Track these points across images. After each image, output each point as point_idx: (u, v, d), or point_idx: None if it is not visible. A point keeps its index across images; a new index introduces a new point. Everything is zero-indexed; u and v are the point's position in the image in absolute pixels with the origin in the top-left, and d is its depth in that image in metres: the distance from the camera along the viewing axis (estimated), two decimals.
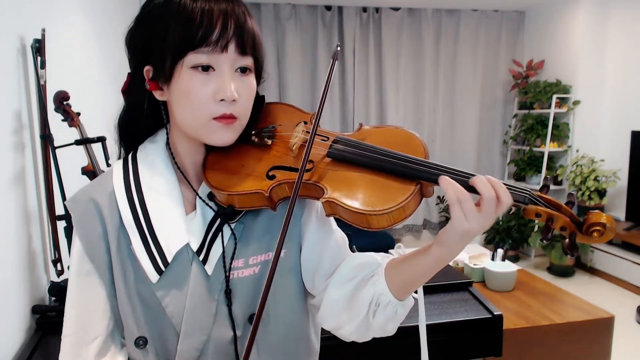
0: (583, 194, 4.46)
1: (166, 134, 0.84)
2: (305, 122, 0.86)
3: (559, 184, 4.94)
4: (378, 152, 0.78)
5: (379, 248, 1.09)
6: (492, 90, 5.52)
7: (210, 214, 0.81)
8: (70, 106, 1.63)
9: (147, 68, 0.78)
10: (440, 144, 5.44)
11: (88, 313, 0.80)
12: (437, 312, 1.72)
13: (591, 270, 4.54)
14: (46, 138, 1.55)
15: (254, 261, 0.82)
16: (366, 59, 5.19)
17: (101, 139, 1.62)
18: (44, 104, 1.54)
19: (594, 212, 0.73)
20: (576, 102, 4.77)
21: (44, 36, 1.55)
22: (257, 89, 0.84)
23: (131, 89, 0.83)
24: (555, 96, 4.74)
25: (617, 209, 4.55)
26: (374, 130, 0.85)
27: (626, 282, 4.19)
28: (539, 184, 4.91)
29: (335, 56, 0.79)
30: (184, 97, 0.75)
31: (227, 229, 0.81)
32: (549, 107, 4.79)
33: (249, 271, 0.81)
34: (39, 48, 1.54)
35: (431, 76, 5.35)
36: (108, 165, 1.67)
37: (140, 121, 0.84)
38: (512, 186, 0.73)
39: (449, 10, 5.28)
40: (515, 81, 5.24)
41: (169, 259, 0.78)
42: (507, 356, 1.80)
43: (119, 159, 0.87)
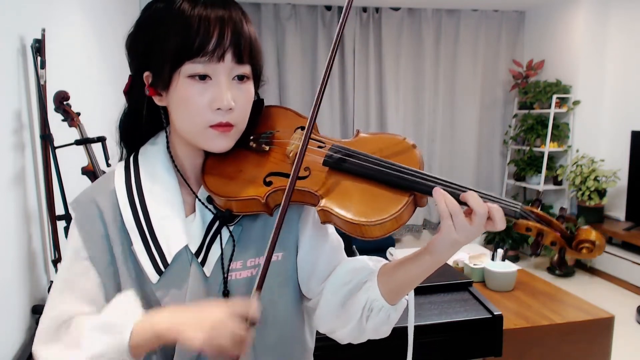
0: (583, 194, 4.46)
1: (166, 137, 0.85)
2: (302, 127, 0.86)
3: (559, 184, 4.94)
4: (373, 161, 0.79)
5: (379, 248, 1.10)
6: (492, 90, 5.52)
7: (209, 216, 0.83)
8: (70, 106, 1.63)
9: (146, 74, 0.79)
10: (440, 144, 5.44)
11: (76, 298, 0.78)
12: (437, 312, 1.72)
13: (591, 270, 4.54)
14: (46, 138, 1.56)
15: (252, 263, 0.83)
16: (366, 59, 5.18)
17: (101, 139, 1.62)
18: (44, 104, 1.54)
19: (584, 229, 0.74)
20: (576, 102, 4.77)
21: (44, 36, 1.55)
22: (257, 91, 0.86)
23: (132, 91, 0.84)
24: (555, 96, 4.74)
25: (617, 209, 4.55)
26: (371, 138, 0.86)
27: (626, 282, 4.19)
28: (538, 183, 4.91)
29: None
30: (182, 105, 0.76)
31: (225, 232, 0.82)
32: (549, 107, 4.79)
33: (246, 273, 0.83)
34: (39, 48, 1.54)
35: (431, 76, 5.35)
36: (108, 165, 1.67)
37: (140, 123, 0.85)
38: (504, 200, 0.74)
39: (449, 10, 5.28)
40: (515, 81, 5.24)
41: (169, 260, 0.79)
42: (507, 356, 1.80)
43: (121, 160, 0.88)
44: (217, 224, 0.82)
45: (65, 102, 1.62)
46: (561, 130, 4.82)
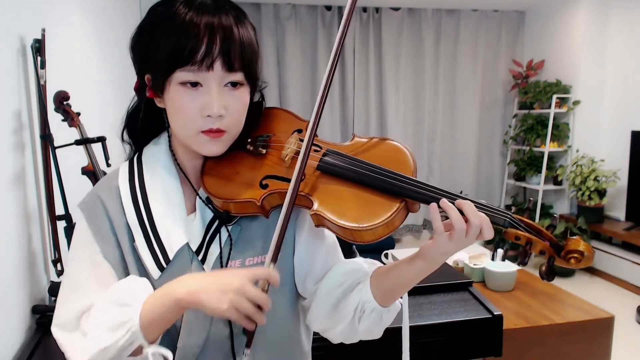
0: (583, 194, 4.46)
1: (168, 137, 0.87)
2: (299, 130, 0.88)
3: (559, 184, 4.94)
4: (366, 167, 0.80)
5: (379, 249, 1.10)
6: (492, 90, 5.52)
7: (209, 215, 0.85)
8: (70, 106, 1.63)
9: (147, 76, 0.82)
10: (440, 144, 5.44)
11: (92, 283, 0.80)
12: (437, 312, 1.72)
13: (591, 270, 4.54)
14: (46, 138, 1.56)
15: (250, 262, 0.85)
16: (366, 59, 5.18)
17: (101, 139, 1.62)
18: (44, 104, 1.54)
19: (573, 239, 0.75)
20: (576, 102, 4.77)
21: (44, 36, 1.55)
22: (260, 91, 0.88)
23: (140, 89, 0.86)
24: (555, 96, 4.74)
25: (617, 209, 4.55)
26: (366, 143, 0.87)
27: (626, 282, 4.19)
28: (538, 183, 4.92)
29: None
30: (175, 111, 0.79)
31: (224, 231, 0.84)
32: (549, 107, 4.79)
33: None
34: (39, 48, 1.54)
35: (431, 76, 5.35)
36: (108, 166, 1.67)
37: (144, 123, 0.87)
38: (493, 208, 0.76)
39: (449, 10, 5.29)
40: (515, 81, 5.24)
41: (171, 256, 0.81)
42: (507, 356, 1.80)
43: (126, 160, 0.91)
44: (216, 223, 0.84)
45: (65, 102, 1.62)
46: (561, 130, 4.83)
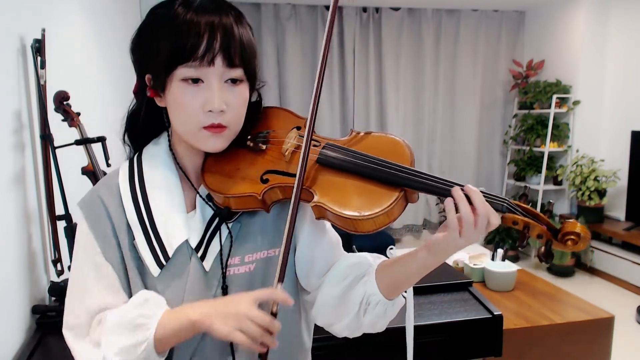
0: (583, 194, 4.46)
1: (168, 137, 0.88)
2: (298, 127, 0.90)
3: (559, 184, 4.94)
4: (365, 159, 0.82)
5: (379, 248, 1.10)
6: (492, 90, 5.52)
7: (210, 213, 0.85)
8: (70, 106, 1.63)
9: (147, 76, 0.83)
10: (440, 144, 5.44)
11: (95, 282, 0.81)
12: (437, 312, 1.72)
13: (591, 270, 4.54)
14: (46, 138, 1.56)
15: (250, 259, 0.86)
16: (366, 59, 5.18)
17: (101, 139, 1.62)
18: (44, 104, 1.54)
19: (569, 222, 0.77)
20: (576, 102, 4.77)
21: (44, 36, 1.55)
22: (258, 91, 0.89)
23: (140, 92, 0.87)
24: (555, 96, 4.74)
25: (617, 209, 4.55)
26: (364, 137, 0.88)
27: (626, 282, 4.19)
28: (538, 183, 4.92)
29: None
30: (176, 107, 0.80)
31: (224, 228, 0.85)
32: (549, 107, 4.79)
33: (244, 268, 0.85)
34: (39, 48, 1.54)
35: (431, 76, 5.34)
36: (108, 166, 1.67)
37: (144, 122, 0.88)
38: (490, 194, 0.78)
39: (449, 10, 5.28)
40: (515, 81, 5.24)
41: (170, 253, 0.81)
42: (507, 356, 1.80)
43: (127, 159, 0.92)
44: (216, 220, 0.85)
45: (65, 102, 1.62)
46: (561, 130, 4.83)
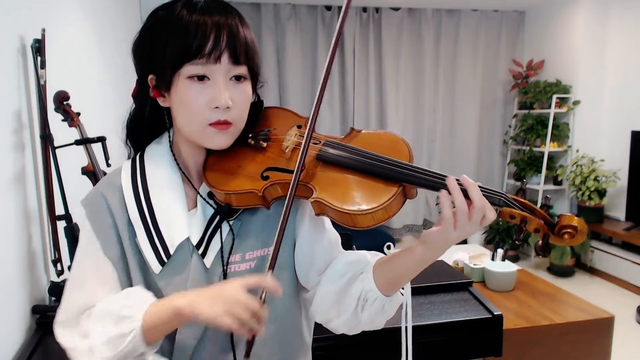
0: (583, 194, 4.46)
1: (169, 137, 0.90)
2: (299, 126, 0.91)
3: (559, 184, 4.94)
4: (364, 155, 0.83)
5: (379, 248, 1.10)
6: (492, 90, 5.52)
7: (210, 211, 0.87)
8: (70, 106, 1.63)
9: (150, 77, 0.84)
10: (440, 144, 5.44)
11: (93, 282, 0.83)
12: (437, 312, 1.72)
13: (591, 270, 4.54)
14: (46, 138, 1.56)
15: (250, 256, 0.87)
16: (366, 59, 5.18)
17: (101, 139, 1.62)
18: (44, 104, 1.54)
19: (566, 215, 0.78)
20: (576, 102, 4.77)
21: (44, 36, 1.55)
22: (258, 92, 0.91)
23: (139, 94, 0.89)
24: (555, 96, 4.74)
25: (617, 209, 4.55)
26: (363, 134, 0.90)
27: (626, 282, 4.19)
28: (538, 183, 4.92)
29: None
30: (183, 105, 0.81)
31: (225, 226, 0.86)
32: (549, 107, 4.79)
33: (245, 265, 0.87)
34: (39, 48, 1.54)
35: (431, 76, 5.34)
36: (108, 166, 1.67)
37: (144, 124, 0.90)
38: (488, 189, 0.79)
39: (449, 10, 5.28)
40: (515, 81, 5.24)
41: (171, 251, 0.83)
42: (507, 356, 1.80)
43: (129, 158, 0.93)
44: (217, 218, 0.86)
45: (65, 102, 1.62)
46: (561, 130, 4.83)
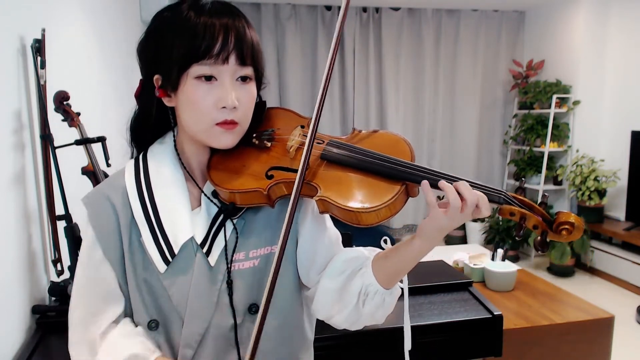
0: (583, 194, 4.46)
1: (173, 136, 0.91)
2: (302, 126, 0.93)
3: (559, 184, 4.94)
4: (367, 154, 0.85)
5: (380, 248, 1.10)
6: (492, 90, 5.52)
7: (214, 209, 0.88)
8: (70, 106, 1.63)
9: (156, 77, 0.85)
10: (440, 144, 5.44)
11: (97, 295, 0.85)
12: (437, 312, 1.72)
13: (591, 270, 4.54)
14: (46, 138, 1.55)
15: (254, 254, 0.88)
16: (366, 59, 5.18)
17: (101, 139, 1.62)
18: (44, 104, 1.54)
19: (563, 212, 0.80)
20: (576, 102, 4.77)
21: (44, 36, 1.55)
22: (259, 93, 0.92)
23: (143, 94, 0.89)
24: (555, 96, 4.74)
25: (617, 209, 4.55)
26: (365, 135, 0.92)
27: (626, 282, 4.19)
28: (538, 184, 4.92)
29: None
30: (189, 105, 0.82)
31: (229, 224, 0.87)
32: (549, 107, 4.79)
33: (249, 263, 0.88)
34: (39, 48, 1.54)
35: (431, 76, 5.35)
36: (108, 166, 1.67)
37: (150, 124, 0.91)
38: (488, 187, 0.81)
39: (449, 10, 5.28)
40: (515, 81, 5.24)
41: (176, 250, 0.84)
42: (507, 356, 1.80)
43: (132, 158, 0.94)
44: (221, 217, 0.87)
45: (65, 102, 1.62)
46: (561, 130, 4.83)
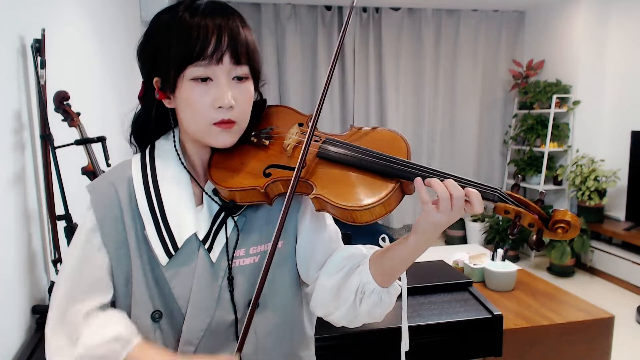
0: (583, 194, 4.46)
1: (173, 136, 0.92)
2: (300, 124, 0.93)
3: (559, 184, 4.94)
4: (362, 152, 0.85)
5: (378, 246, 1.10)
6: (492, 90, 5.52)
7: (216, 207, 0.89)
8: (70, 106, 1.63)
9: (155, 79, 0.86)
10: (440, 144, 5.44)
11: (86, 280, 0.86)
12: (437, 312, 1.72)
13: (591, 270, 4.54)
14: (46, 138, 1.55)
15: (254, 251, 0.90)
16: (366, 59, 5.19)
17: (101, 139, 1.62)
18: (44, 104, 1.54)
19: (559, 210, 0.79)
20: (576, 102, 4.77)
21: (44, 36, 1.55)
22: (260, 90, 0.92)
23: (145, 95, 0.91)
24: (555, 96, 4.74)
25: (617, 209, 4.55)
26: (362, 132, 0.92)
27: (626, 282, 4.19)
28: (538, 183, 4.92)
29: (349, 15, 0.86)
30: (187, 106, 0.83)
31: (230, 222, 0.89)
32: (549, 107, 4.79)
33: (249, 260, 0.89)
34: (39, 48, 1.54)
35: (431, 76, 5.35)
36: (108, 165, 1.67)
37: (150, 125, 0.92)
38: (482, 184, 0.81)
39: (449, 10, 5.29)
40: (515, 81, 5.24)
41: (179, 244, 0.85)
42: (507, 356, 1.80)
43: (136, 153, 0.95)
44: (222, 214, 0.88)
45: (65, 102, 1.62)
46: (561, 130, 4.83)
